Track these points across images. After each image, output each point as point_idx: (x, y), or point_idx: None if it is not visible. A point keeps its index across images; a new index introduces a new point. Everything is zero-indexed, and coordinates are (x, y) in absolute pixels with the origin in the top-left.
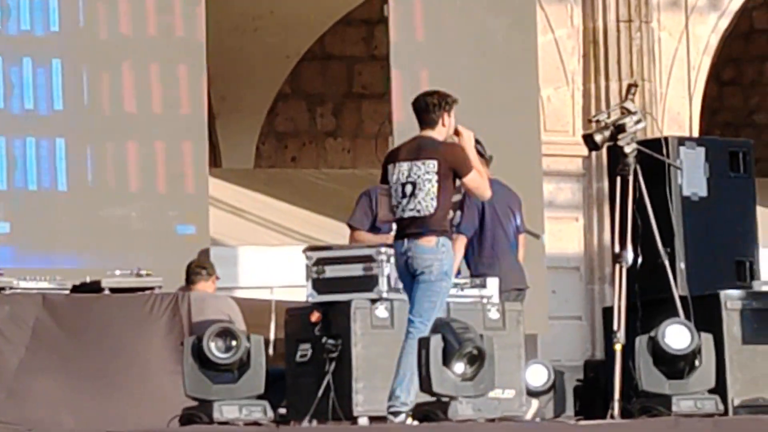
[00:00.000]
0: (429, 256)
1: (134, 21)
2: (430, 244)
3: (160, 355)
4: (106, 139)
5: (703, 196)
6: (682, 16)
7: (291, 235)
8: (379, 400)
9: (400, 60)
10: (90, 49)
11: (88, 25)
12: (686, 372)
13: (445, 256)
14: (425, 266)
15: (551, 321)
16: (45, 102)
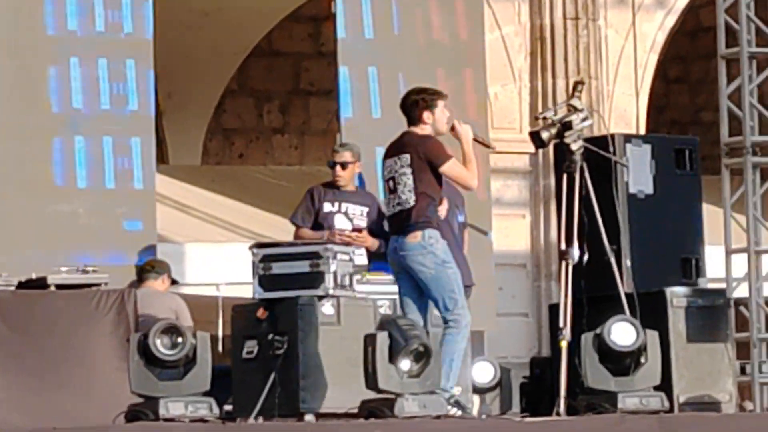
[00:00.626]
0: (417, 252)
1: (82, 17)
2: (416, 240)
3: (106, 351)
4: (53, 135)
5: (649, 194)
6: (629, 13)
7: (238, 232)
8: (325, 397)
9: (347, 56)
10: (38, 44)
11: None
12: (632, 369)
13: (435, 246)
14: (419, 264)
15: (498, 318)
16: None
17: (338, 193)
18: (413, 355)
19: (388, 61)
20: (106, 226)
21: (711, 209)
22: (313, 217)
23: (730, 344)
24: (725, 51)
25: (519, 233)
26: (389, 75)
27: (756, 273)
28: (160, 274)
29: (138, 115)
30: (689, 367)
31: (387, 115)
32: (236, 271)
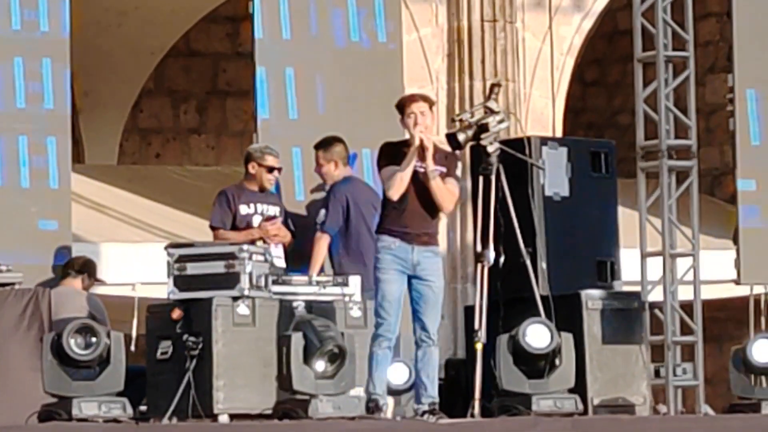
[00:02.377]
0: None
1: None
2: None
3: (20, 351)
4: None
5: (565, 196)
6: (546, 16)
7: (153, 232)
8: (239, 398)
9: (265, 57)
10: None
11: None
12: (546, 371)
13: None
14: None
15: None
16: None
17: (251, 194)
18: (328, 356)
19: (306, 62)
20: (21, 226)
21: (626, 212)
22: (231, 218)
23: (644, 347)
24: (642, 54)
25: None
26: (306, 76)
27: (671, 276)
28: (80, 273)
29: (54, 114)
30: (604, 370)
31: (304, 116)
32: (152, 271)
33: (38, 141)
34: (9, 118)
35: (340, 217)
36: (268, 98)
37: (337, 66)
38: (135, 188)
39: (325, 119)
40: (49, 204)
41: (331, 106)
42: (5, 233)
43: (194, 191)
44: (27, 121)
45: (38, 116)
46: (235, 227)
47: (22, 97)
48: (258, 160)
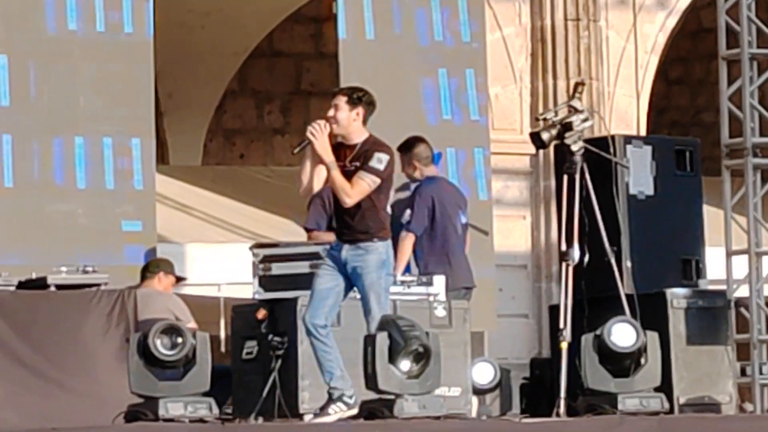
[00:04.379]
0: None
1: (83, 17)
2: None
3: (106, 351)
4: (53, 135)
5: (650, 195)
6: (630, 14)
7: (238, 232)
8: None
9: (349, 57)
10: (38, 44)
11: (36, 20)
12: (632, 370)
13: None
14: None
15: (498, 319)
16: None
17: None
18: (413, 356)
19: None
20: (106, 227)
21: (711, 210)
22: (327, 220)
23: (730, 346)
24: (726, 52)
25: (519, 234)
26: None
27: (756, 274)
28: (154, 273)
29: (138, 115)
30: (689, 369)
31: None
32: (237, 272)
33: (123, 142)
34: (94, 119)
35: (425, 217)
36: None
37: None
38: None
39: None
40: (134, 205)
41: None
42: (90, 235)
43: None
44: (112, 123)
45: (123, 118)
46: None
47: (107, 98)
48: None
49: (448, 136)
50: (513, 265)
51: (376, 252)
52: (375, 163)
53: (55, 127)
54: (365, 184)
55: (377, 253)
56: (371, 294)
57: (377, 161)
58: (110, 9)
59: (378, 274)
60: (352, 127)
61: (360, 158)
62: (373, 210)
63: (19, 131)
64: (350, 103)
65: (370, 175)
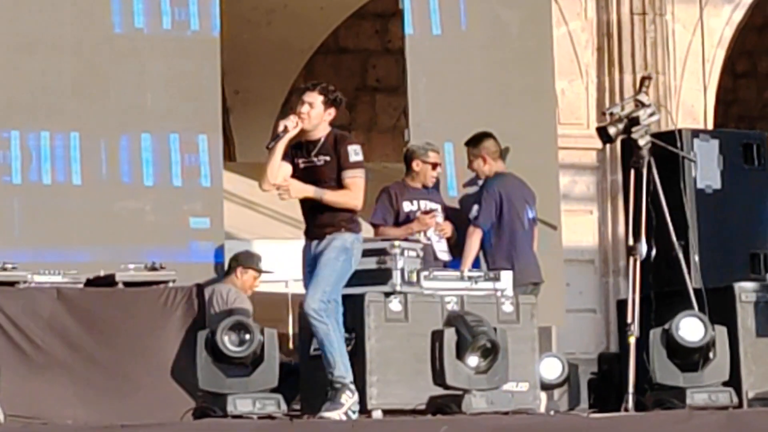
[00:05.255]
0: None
1: (150, 15)
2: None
3: (175, 348)
4: (121, 132)
5: (717, 189)
6: (696, 8)
7: None
8: (393, 394)
9: (415, 53)
10: (105, 43)
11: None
12: (700, 364)
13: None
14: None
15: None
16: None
17: (414, 191)
18: (481, 352)
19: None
20: (173, 224)
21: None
22: (393, 215)
23: None
24: None
25: (587, 229)
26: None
27: None
28: (232, 269)
29: (205, 112)
30: (758, 363)
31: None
32: None
33: (190, 139)
34: (161, 116)
35: (493, 213)
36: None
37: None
38: None
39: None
40: (201, 202)
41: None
42: (158, 232)
43: None
44: (178, 120)
45: (189, 114)
46: (399, 224)
47: (175, 95)
48: (422, 158)
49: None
50: (580, 260)
51: (342, 239)
52: (354, 157)
53: (122, 125)
54: (359, 180)
55: (342, 239)
56: (319, 269)
57: (355, 154)
58: (177, 6)
59: (336, 255)
60: (321, 126)
61: (328, 152)
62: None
63: (86, 129)
64: (326, 103)
65: (357, 170)
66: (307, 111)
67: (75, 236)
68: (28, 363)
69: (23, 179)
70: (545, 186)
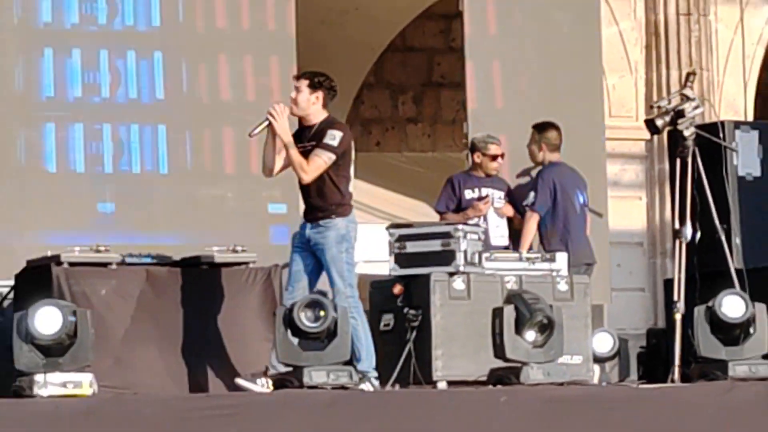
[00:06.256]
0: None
1: (229, 16)
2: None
3: (254, 324)
4: (204, 125)
5: (757, 176)
6: (737, 9)
7: (375, 214)
8: (456, 366)
9: (474, 52)
10: (188, 42)
11: (187, 20)
12: (741, 339)
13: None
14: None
15: (617, 292)
16: (148, 91)
17: (477, 180)
18: (538, 327)
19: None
20: (253, 209)
21: None
22: (455, 203)
23: None
24: None
25: (636, 214)
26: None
27: None
28: None
29: None
30: None
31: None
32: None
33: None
34: (240, 110)
35: (548, 198)
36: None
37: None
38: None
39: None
40: (279, 189)
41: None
42: (238, 217)
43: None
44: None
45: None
46: (461, 211)
47: (252, 91)
48: (482, 150)
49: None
50: (630, 242)
51: (335, 228)
52: (329, 140)
53: (204, 118)
54: (321, 160)
55: (336, 229)
56: (333, 268)
57: (330, 138)
58: (255, 7)
59: (338, 249)
60: (311, 109)
61: (316, 137)
62: (331, 187)
63: (172, 122)
64: (311, 87)
65: (325, 152)
66: (295, 96)
67: (162, 221)
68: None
69: (114, 169)
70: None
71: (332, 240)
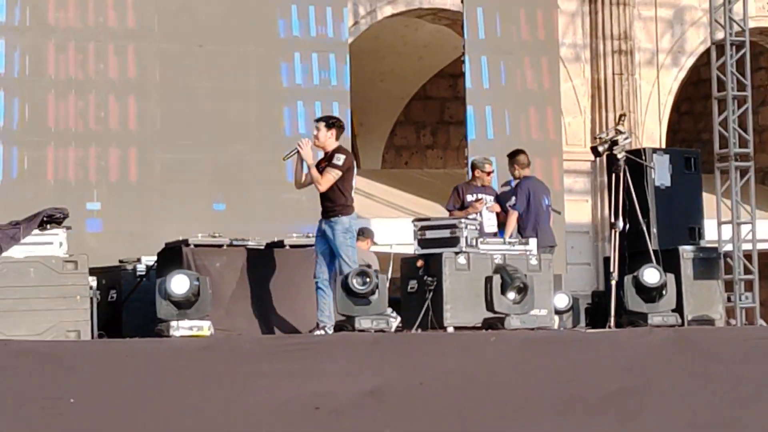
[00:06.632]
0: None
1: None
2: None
3: None
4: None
5: (668, 186)
6: (654, 70)
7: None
8: (460, 316)
9: (472, 100)
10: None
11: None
12: (657, 298)
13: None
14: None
15: (571, 266)
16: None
17: (475, 188)
18: (516, 289)
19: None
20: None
21: (708, 196)
22: (460, 204)
23: (720, 282)
24: (717, 94)
25: (584, 212)
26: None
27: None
28: (366, 237)
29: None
30: (695, 297)
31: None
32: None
33: None
34: None
35: (524, 201)
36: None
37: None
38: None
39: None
40: None
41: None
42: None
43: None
44: None
45: None
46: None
47: None
48: (480, 167)
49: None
50: (580, 231)
51: (341, 223)
52: (336, 161)
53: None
54: (330, 176)
55: (341, 223)
56: (340, 251)
57: (337, 159)
58: (322, 68)
59: (343, 237)
60: (327, 141)
61: (327, 159)
62: (337, 193)
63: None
64: (327, 126)
65: (333, 170)
66: (316, 133)
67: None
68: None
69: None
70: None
71: (339, 231)
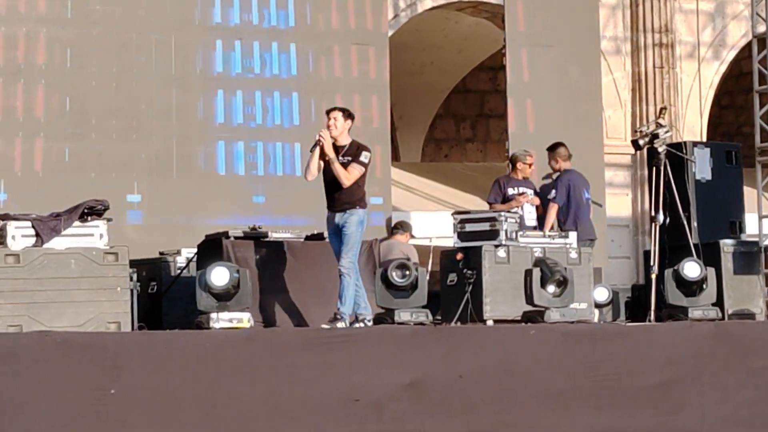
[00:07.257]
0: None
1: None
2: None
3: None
4: None
5: (709, 179)
6: (695, 63)
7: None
8: (500, 309)
9: (513, 93)
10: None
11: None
12: (697, 292)
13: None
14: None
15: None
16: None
17: (516, 181)
18: (556, 283)
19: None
20: None
21: (748, 190)
22: (501, 197)
23: (761, 276)
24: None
25: (625, 205)
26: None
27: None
28: (405, 230)
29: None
30: (735, 291)
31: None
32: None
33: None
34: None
35: (564, 195)
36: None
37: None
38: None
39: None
40: (377, 186)
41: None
42: None
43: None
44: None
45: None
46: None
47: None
48: (522, 160)
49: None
50: (620, 225)
51: (357, 215)
52: (363, 159)
53: None
54: (357, 171)
55: (357, 215)
56: (348, 241)
57: (364, 157)
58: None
59: (356, 228)
60: (344, 133)
61: (349, 154)
62: (356, 188)
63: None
64: (344, 117)
65: (359, 166)
66: (334, 122)
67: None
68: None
69: (264, 172)
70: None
71: (354, 222)
